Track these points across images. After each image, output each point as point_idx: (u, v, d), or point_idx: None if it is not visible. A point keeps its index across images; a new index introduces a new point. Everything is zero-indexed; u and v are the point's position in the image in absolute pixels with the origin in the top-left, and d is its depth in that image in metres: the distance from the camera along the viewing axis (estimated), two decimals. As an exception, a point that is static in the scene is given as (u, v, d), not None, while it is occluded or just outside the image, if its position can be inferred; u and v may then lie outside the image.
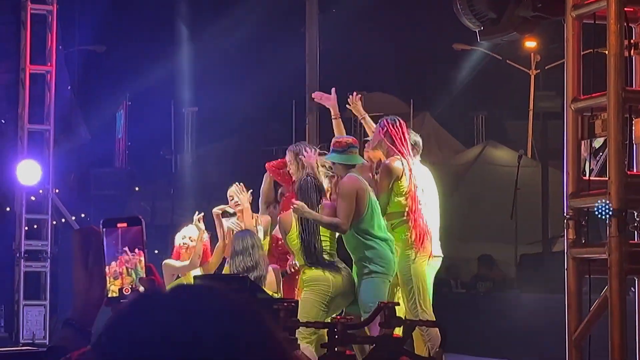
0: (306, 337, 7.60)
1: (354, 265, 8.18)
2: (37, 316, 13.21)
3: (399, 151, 8.02)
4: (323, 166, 8.43)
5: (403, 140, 8.09)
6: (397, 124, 8.14)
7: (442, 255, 8.15)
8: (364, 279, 7.94)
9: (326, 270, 8.00)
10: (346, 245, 8.15)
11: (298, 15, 16.92)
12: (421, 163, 8.39)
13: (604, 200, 6.16)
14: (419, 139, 8.47)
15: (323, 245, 8.08)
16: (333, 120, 8.72)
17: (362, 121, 8.73)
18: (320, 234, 8.08)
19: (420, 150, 8.45)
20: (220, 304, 1.40)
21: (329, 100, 8.73)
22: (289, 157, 8.71)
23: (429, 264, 7.98)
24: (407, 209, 7.96)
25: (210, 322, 1.37)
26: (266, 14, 21.61)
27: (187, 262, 8.99)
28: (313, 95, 8.70)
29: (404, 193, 7.97)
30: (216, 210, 9.20)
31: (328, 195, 8.26)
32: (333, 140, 8.32)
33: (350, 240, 8.06)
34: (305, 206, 7.98)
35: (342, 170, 8.18)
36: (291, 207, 8.02)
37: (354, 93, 8.75)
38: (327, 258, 8.06)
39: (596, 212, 6.19)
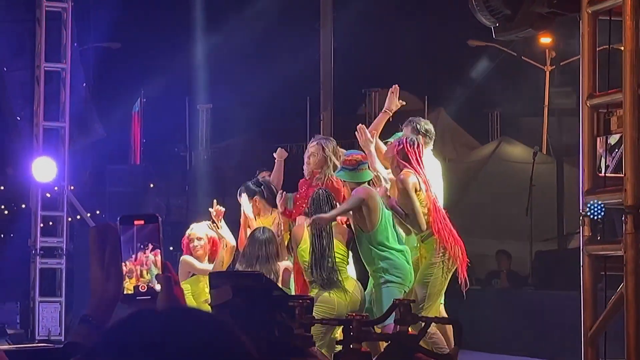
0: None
1: (370, 277, 8.19)
2: (52, 313, 13.24)
3: (414, 169, 7.97)
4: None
5: (418, 161, 8.03)
6: (415, 145, 8.06)
7: None
8: (380, 288, 7.95)
9: (332, 292, 8.00)
10: (362, 258, 8.16)
11: (312, 11, 16.91)
12: (435, 157, 8.37)
13: (596, 201, 6.17)
14: (430, 127, 8.41)
15: (336, 261, 8.08)
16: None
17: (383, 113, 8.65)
18: (334, 250, 8.08)
19: (433, 137, 8.40)
20: (203, 333, 1.51)
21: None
22: (315, 148, 8.66)
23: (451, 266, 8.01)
24: (430, 220, 7.93)
25: (193, 349, 1.48)
26: (280, 10, 21.61)
27: (208, 266, 8.89)
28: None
29: (424, 206, 7.94)
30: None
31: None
32: (343, 157, 8.31)
33: (366, 253, 8.07)
34: (321, 216, 8.01)
35: (353, 186, 8.22)
36: (310, 223, 8.03)
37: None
38: (337, 276, 8.06)
39: (588, 213, 6.20)
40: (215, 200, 9.20)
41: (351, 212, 8.14)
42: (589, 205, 6.19)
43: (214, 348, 1.49)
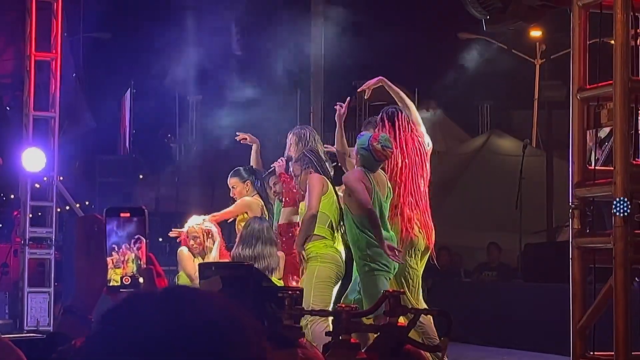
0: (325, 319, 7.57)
1: (355, 263, 8.19)
2: (41, 303, 13.20)
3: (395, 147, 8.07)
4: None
5: (399, 137, 8.15)
6: (397, 116, 8.21)
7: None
8: (365, 276, 7.92)
9: (338, 254, 8.13)
10: (349, 241, 8.11)
11: (304, 3, 16.89)
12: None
13: (623, 199, 6.15)
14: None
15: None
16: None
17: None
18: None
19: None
20: (206, 311, 1.44)
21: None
22: (291, 139, 8.71)
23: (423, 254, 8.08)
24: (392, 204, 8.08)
25: (196, 328, 1.41)
26: (272, 4, 21.56)
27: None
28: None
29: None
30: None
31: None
32: (379, 145, 7.90)
33: (354, 236, 8.02)
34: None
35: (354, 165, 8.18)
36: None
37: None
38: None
39: (614, 210, 6.18)
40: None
41: (341, 193, 8.18)
42: (615, 202, 6.15)
43: (218, 328, 1.41)
